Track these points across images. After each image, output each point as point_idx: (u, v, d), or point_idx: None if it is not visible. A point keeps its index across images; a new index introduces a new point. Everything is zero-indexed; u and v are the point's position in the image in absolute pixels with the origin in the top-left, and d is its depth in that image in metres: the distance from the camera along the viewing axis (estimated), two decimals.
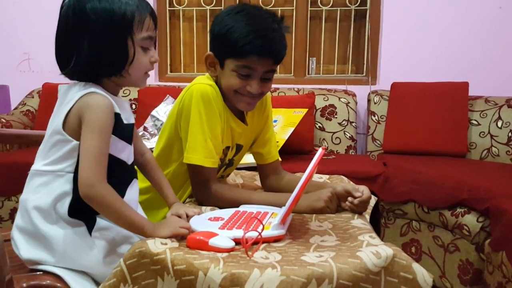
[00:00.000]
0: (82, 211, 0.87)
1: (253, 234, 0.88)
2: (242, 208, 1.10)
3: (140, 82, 0.95)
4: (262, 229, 0.89)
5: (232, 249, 0.85)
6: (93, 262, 0.88)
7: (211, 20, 2.88)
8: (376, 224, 2.07)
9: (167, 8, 2.87)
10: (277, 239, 0.92)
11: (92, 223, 0.88)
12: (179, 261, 0.78)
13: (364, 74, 2.84)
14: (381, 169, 2.06)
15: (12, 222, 2.09)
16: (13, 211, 2.08)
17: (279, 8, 2.83)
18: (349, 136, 2.59)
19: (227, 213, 1.05)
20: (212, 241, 0.84)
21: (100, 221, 0.89)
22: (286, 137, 2.13)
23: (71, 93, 0.89)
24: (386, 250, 0.80)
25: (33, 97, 2.66)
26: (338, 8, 2.81)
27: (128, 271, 0.81)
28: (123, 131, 0.93)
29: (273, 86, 2.73)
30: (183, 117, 1.15)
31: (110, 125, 0.88)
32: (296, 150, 2.37)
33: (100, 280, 0.88)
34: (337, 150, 2.57)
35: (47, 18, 2.74)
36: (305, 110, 2.24)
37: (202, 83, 1.14)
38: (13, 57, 2.82)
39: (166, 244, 0.83)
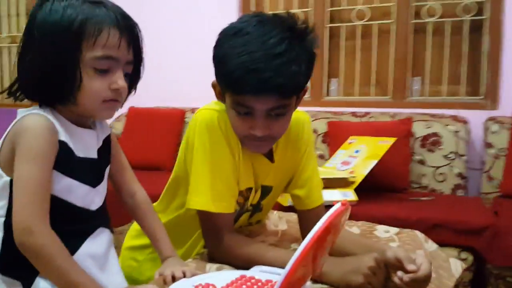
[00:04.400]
0: (17, 267, 0.69)
1: None
2: (251, 271, 0.83)
3: (97, 112, 0.76)
4: None
5: None
6: None
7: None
8: None
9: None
10: None
11: (29, 284, 0.70)
12: None
13: (482, 97, 2.33)
14: (490, 219, 1.58)
15: None
16: None
17: (376, 22, 2.49)
18: (457, 173, 2.11)
19: (226, 277, 0.80)
20: None
21: (39, 281, 0.70)
22: (366, 172, 1.78)
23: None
24: None
25: (120, 121, 2.71)
26: (448, 19, 2.37)
27: None
28: (73, 167, 0.75)
29: (364, 110, 2.39)
30: (188, 150, 0.94)
31: (49, 152, 0.70)
32: (386, 187, 2.00)
33: None
34: (440, 190, 2.11)
35: None
36: (392, 140, 1.86)
37: (208, 108, 0.92)
38: None
39: None
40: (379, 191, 1.94)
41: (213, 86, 0.93)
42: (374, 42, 2.51)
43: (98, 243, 0.79)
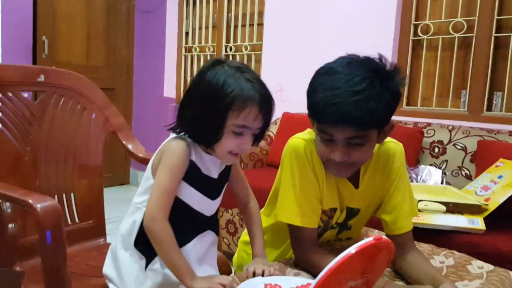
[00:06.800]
0: (145, 245, 0.97)
1: None
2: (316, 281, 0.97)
3: (222, 159, 0.98)
4: None
5: None
6: None
7: (459, 49, 2.52)
8: None
9: (411, 37, 2.68)
10: None
11: (149, 260, 0.97)
12: None
13: None
14: None
15: (227, 231, 2.43)
16: (228, 222, 2.42)
17: None
18: None
19: (294, 282, 0.96)
20: None
21: (156, 261, 0.97)
22: (502, 201, 1.65)
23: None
24: None
25: (276, 124, 2.99)
26: None
27: None
28: (198, 181, 0.98)
29: None
30: (280, 170, 1.11)
31: (181, 167, 0.94)
32: None
33: None
34: None
35: (299, 56, 3.08)
36: None
37: (298, 137, 1.08)
38: (270, 88, 3.23)
39: None
40: None
41: (308, 116, 1.08)
42: None
43: (203, 241, 1.02)
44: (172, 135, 0.99)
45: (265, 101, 0.92)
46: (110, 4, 4.05)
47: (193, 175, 0.97)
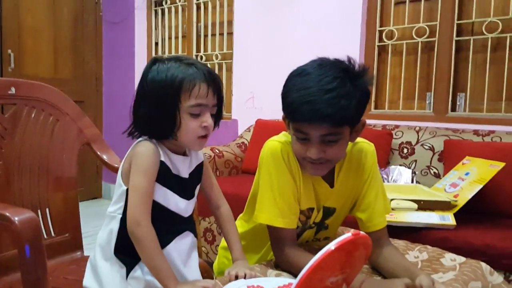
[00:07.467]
0: (125, 253, 0.97)
1: None
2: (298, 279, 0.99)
3: (191, 145, 1.00)
4: None
5: None
6: None
7: (423, 53, 2.62)
8: None
9: (376, 43, 2.77)
10: None
11: (130, 269, 0.97)
12: None
13: None
14: None
15: (205, 240, 2.43)
16: (206, 230, 2.42)
17: (509, 34, 2.31)
18: None
19: (276, 282, 0.97)
20: None
21: (137, 269, 0.97)
22: (470, 196, 1.72)
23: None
24: None
25: (249, 131, 3.02)
26: None
27: None
28: (169, 181, 0.99)
29: (489, 128, 2.25)
30: (257, 173, 1.14)
31: (154, 168, 0.96)
32: (497, 212, 1.89)
33: None
34: None
35: (269, 63, 3.12)
36: (501, 164, 1.76)
37: (275, 140, 1.10)
38: (243, 96, 3.28)
39: None
40: (487, 216, 1.85)
41: (283, 119, 1.11)
42: (506, 56, 2.34)
43: (183, 242, 1.03)
44: (137, 141, 1.00)
45: (211, 77, 0.96)
46: (77, 16, 4.00)
47: (164, 175, 0.98)
